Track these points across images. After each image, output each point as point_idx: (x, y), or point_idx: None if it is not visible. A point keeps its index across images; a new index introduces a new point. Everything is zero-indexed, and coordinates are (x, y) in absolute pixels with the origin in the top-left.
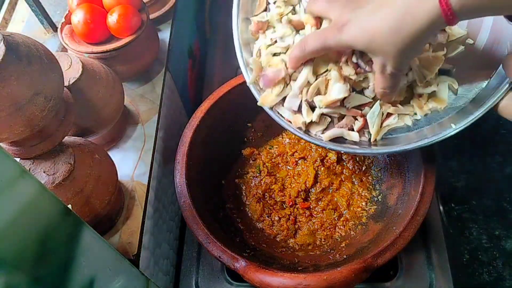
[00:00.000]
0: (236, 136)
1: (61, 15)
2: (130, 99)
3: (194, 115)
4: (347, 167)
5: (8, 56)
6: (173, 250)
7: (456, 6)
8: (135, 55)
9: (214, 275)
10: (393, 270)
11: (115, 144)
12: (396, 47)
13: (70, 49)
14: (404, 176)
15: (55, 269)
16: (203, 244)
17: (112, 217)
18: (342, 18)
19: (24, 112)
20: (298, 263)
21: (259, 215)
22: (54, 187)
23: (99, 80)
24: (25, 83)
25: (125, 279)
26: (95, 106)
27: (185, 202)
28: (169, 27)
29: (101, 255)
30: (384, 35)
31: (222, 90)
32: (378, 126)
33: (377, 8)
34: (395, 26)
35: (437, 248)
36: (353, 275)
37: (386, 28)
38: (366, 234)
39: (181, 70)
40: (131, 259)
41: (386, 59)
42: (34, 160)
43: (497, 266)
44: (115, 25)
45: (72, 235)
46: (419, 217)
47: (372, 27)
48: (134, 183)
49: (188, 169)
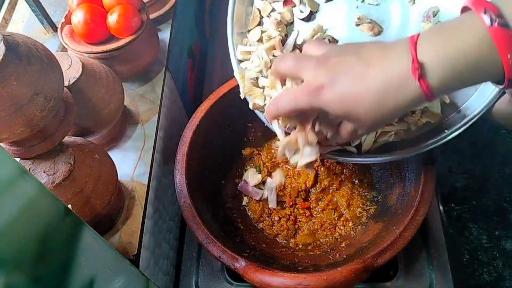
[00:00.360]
0: (236, 136)
1: (61, 15)
2: (130, 99)
3: (194, 115)
4: (347, 167)
5: (8, 56)
6: (173, 250)
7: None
8: (135, 55)
9: (214, 275)
10: (393, 270)
11: (115, 144)
12: (374, 118)
13: (70, 49)
14: (404, 176)
15: (55, 269)
16: (203, 244)
17: (112, 217)
18: (316, 80)
19: (24, 112)
20: (298, 263)
21: (259, 215)
22: (54, 187)
23: (99, 80)
24: (25, 83)
25: (125, 279)
26: (95, 106)
27: (185, 202)
28: (169, 27)
29: (101, 255)
30: (365, 108)
31: (222, 90)
32: (371, 142)
33: (358, 78)
34: (377, 101)
35: (437, 248)
36: (353, 275)
37: (367, 102)
38: (366, 234)
39: (181, 70)
40: (131, 259)
41: (359, 126)
42: (34, 160)
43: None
44: (115, 25)
45: (72, 235)
46: (419, 217)
47: (353, 97)
48: (134, 183)
49: (188, 169)
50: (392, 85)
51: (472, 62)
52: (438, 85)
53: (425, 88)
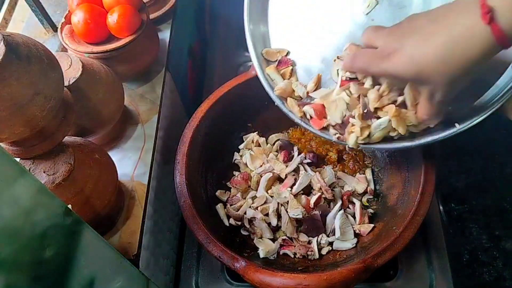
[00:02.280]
0: (236, 136)
1: (61, 15)
2: (130, 99)
3: (194, 115)
4: (347, 167)
5: (8, 56)
6: (173, 250)
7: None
8: (135, 55)
9: (214, 275)
10: (393, 270)
11: (115, 144)
12: (447, 76)
13: (70, 49)
14: (404, 176)
15: (55, 269)
16: (203, 244)
17: (112, 217)
18: (388, 46)
19: (24, 112)
20: (298, 263)
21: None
22: (54, 187)
23: (99, 80)
24: (25, 83)
25: (125, 279)
26: (95, 106)
27: (185, 202)
28: (169, 27)
29: (101, 255)
30: (435, 64)
31: (222, 90)
32: (378, 137)
33: (426, 37)
34: (446, 55)
35: (437, 248)
36: (353, 275)
37: (436, 57)
38: (366, 234)
39: (181, 70)
40: (131, 259)
41: (435, 88)
42: (34, 160)
43: (497, 266)
44: (115, 25)
45: (72, 235)
46: (419, 217)
47: (422, 56)
48: (134, 183)
49: (188, 169)
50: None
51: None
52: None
53: (497, 32)
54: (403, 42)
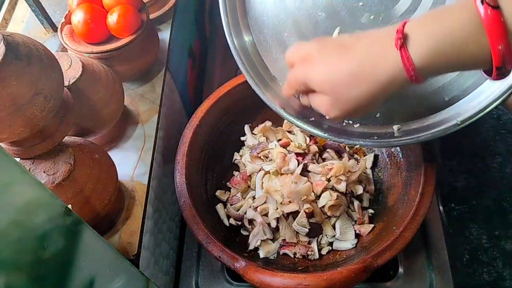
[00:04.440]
0: (236, 136)
1: (61, 15)
2: (130, 99)
3: (194, 115)
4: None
5: (8, 56)
6: (173, 250)
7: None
8: (135, 55)
9: (214, 275)
10: (393, 270)
11: (115, 144)
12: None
13: (70, 49)
14: (404, 176)
15: (55, 269)
16: (203, 244)
17: (112, 217)
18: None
19: (24, 112)
20: (298, 263)
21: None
22: (54, 187)
23: (99, 80)
24: (25, 83)
25: (125, 279)
26: (95, 106)
27: (185, 202)
28: (169, 27)
29: (101, 255)
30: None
31: (222, 90)
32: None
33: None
34: (355, 70)
35: (437, 248)
36: (353, 275)
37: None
38: (366, 234)
39: (181, 70)
40: (131, 259)
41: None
42: (34, 160)
43: (497, 266)
44: (115, 25)
45: (72, 235)
46: (419, 217)
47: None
48: (134, 183)
49: (188, 169)
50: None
51: (458, 42)
52: (421, 61)
53: (405, 60)
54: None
